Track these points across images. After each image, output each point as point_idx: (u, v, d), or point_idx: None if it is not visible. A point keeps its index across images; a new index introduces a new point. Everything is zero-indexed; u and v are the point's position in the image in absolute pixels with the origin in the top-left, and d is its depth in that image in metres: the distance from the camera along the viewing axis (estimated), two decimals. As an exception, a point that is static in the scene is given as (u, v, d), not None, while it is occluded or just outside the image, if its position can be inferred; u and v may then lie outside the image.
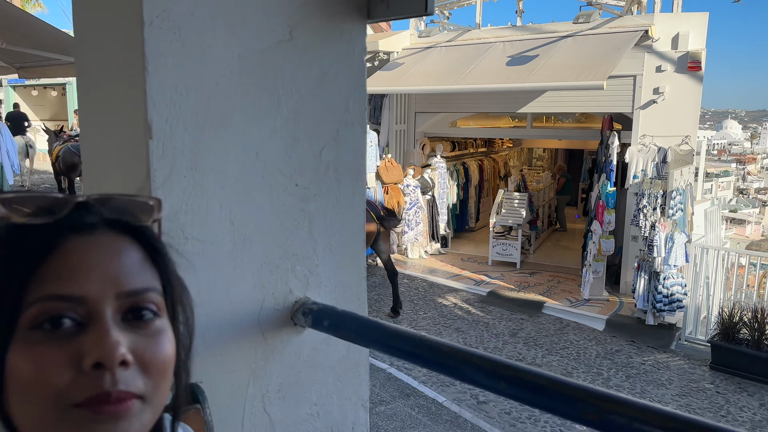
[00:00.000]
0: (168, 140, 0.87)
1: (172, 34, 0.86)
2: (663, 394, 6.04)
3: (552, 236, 12.60)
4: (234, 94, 0.95)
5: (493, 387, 0.78)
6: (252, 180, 0.99)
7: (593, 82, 7.41)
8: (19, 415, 0.54)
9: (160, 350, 0.56)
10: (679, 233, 7.26)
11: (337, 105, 1.10)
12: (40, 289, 0.53)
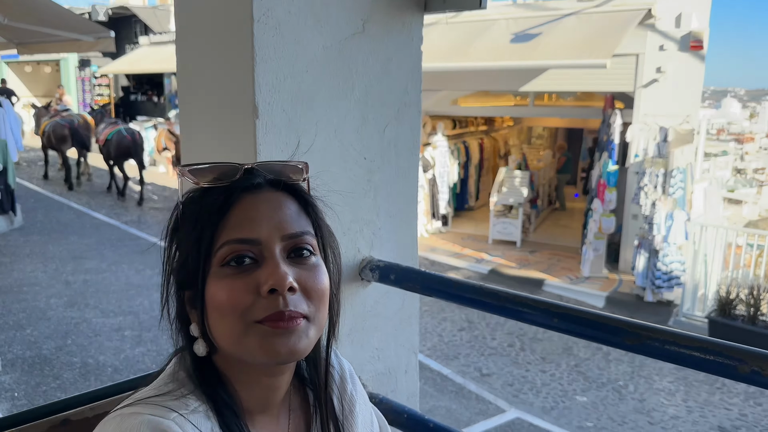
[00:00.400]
0: (269, 119, 1.04)
1: (274, 29, 1.02)
2: (661, 368, 6.25)
3: (551, 215, 12.76)
4: (318, 80, 1.11)
5: (548, 324, 0.95)
6: (331, 154, 1.15)
7: (596, 61, 7.52)
8: (216, 330, 0.72)
9: (318, 280, 0.73)
10: (679, 211, 7.44)
11: (398, 88, 1.26)
12: (226, 235, 0.71)
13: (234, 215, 0.71)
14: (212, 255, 0.71)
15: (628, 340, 0.87)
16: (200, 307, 0.72)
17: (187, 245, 0.73)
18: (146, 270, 7.48)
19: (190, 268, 0.72)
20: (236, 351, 0.71)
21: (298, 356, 0.72)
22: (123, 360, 5.05)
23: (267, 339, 0.69)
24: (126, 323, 5.80)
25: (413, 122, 1.28)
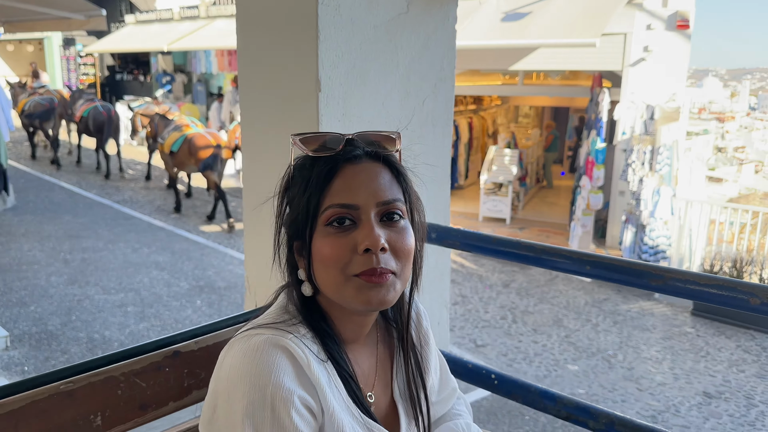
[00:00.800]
0: (329, 93, 1.16)
1: (334, 10, 1.13)
2: (648, 338, 6.48)
3: (539, 193, 12.97)
4: (369, 57, 1.23)
5: (581, 271, 1.09)
6: (378, 125, 1.28)
7: (586, 40, 7.65)
8: (319, 277, 0.86)
9: (406, 241, 0.86)
10: (666, 187, 7.65)
11: (435, 64, 1.38)
12: (330, 200, 0.84)
13: (337, 183, 0.85)
14: (318, 215, 0.84)
15: (654, 282, 1.01)
16: (307, 257, 0.86)
17: (297, 205, 0.87)
18: (143, 248, 7.55)
19: (300, 224, 0.85)
20: (335, 297, 0.86)
21: (386, 306, 0.86)
22: (128, 335, 5.16)
23: (362, 291, 0.83)
24: (128, 300, 5.90)
25: (448, 96, 1.40)
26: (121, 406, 0.88)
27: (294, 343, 0.82)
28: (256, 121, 1.28)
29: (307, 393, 0.80)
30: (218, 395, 0.81)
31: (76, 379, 0.84)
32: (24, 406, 0.80)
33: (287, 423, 0.76)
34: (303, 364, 0.81)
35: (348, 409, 0.85)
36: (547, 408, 1.19)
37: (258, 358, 0.79)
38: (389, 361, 0.99)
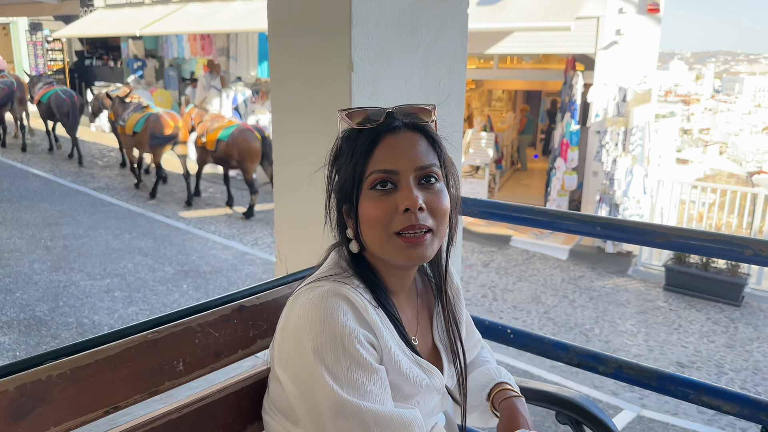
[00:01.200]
0: (361, 73, 1.26)
1: (366, -4, 1.23)
2: (623, 312, 6.72)
3: (514, 175, 13.18)
4: (394, 39, 1.33)
5: (592, 232, 1.21)
6: (402, 102, 1.38)
7: (561, 23, 7.81)
8: (366, 236, 0.98)
9: (442, 202, 0.97)
10: (638, 167, 7.88)
11: (450, 46, 1.49)
12: (373, 166, 0.95)
13: (379, 151, 0.96)
14: (363, 180, 0.95)
15: (659, 239, 1.14)
16: (354, 218, 0.96)
17: (345, 172, 0.98)
18: (124, 234, 7.55)
19: (348, 189, 0.96)
20: (380, 253, 0.98)
21: (425, 260, 0.98)
22: (117, 319, 5.20)
23: (403, 249, 0.95)
24: (114, 285, 5.92)
25: (461, 76, 1.51)
26: (198, 353, 0.99)
27: (352, 292, 0.93)
28: (288, 102, 1.38)
29: (368, 332, 0.92)
30: (290, 340, 0.91)
31: (161, 329, 0.94)
32: (119, 351, 0.90)
33: (356, 355, 0.88)
34: (361, 309, 0.92)
35: (400, 348, 0.96)
36: (560, 357, 1.32)
37: (324, 305, 0.89)
38: (427, 311, 1.11)
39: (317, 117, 1.33)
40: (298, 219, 1.47)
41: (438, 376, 1.03)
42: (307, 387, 0.88)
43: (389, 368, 0.94)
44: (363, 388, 0.87)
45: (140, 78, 15.00)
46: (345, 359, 0.87)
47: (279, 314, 1.02)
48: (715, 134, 31.39)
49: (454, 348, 1.09)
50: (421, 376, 0.99)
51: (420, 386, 0.98)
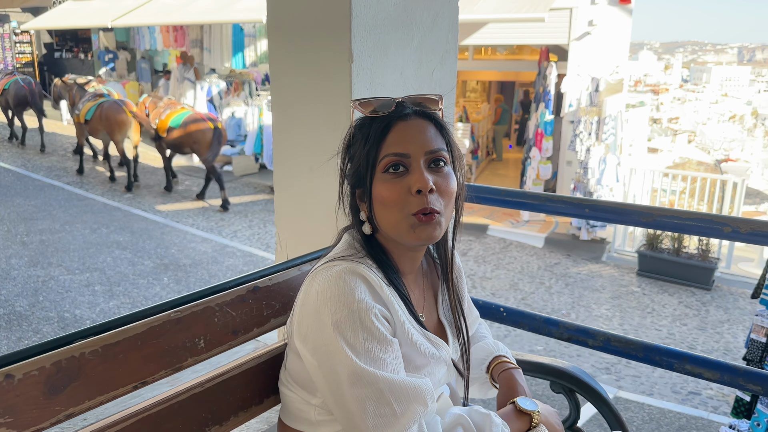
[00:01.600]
0: (360, 64, 1.31)
1: (364, -10, 1.29)
2: (598, 297, 6.89)
3: (489, 165, 13.32)
4: (390, 31, 1.39)
5: (580, 213, 1.29)
6: (398, 92, 1.44)
7: (535, 15, 7.92)
8: (380, 217, 1.04)
9: (450, 184, 1.04)
10: (611, 156, 8.05)
11: (442, 38, 1.55)
12: (386, 150, 1.01)
13: (392, 136, 1.02)
14: (377, 164, 1.01)
15: (644, 219, 1.22)
16: (368, 201, 1.02)
17: (359, 157, 1.03)
18: (101, 229, 7.49)
19: (362, 173, 1.02)
20: (393, 233, 1.04)
21: (434, 240, 1.04)
22: (99, 313, 5.19)
23: (415, 228, 1.01)
24: (94, 279, 5.89)
25: (452, 67, 1.58)
26: (218, 331, 1.04)
27: (366, 270, 0.99)
28: (289, 93, 1.42)
29: (383, 307, 0.98)
30: (309, 315, 0.97)
31: (182, 308, 0.99)
32: (145, 330, 0.94)
33: (372, 328, 0.94)
34: (376, 286, 0.99)
35: (410, 323, 1.03)
36: (552, 332, 1.40)
37: (341, 283, 0.96)
38: (432, 290, 1.18)
39: (318, 107, 1.38)
40: (297, 205, 1.52)
41: (445, 348, 1.10)
42: (326, 358, 0.94)
43: (402, 341, 1.00)
44: (379, 359, 0.93)
45: (112, 70, 14.80)
46: (362, 332, 0.93)
47: (290, 294, 1.08)
48: (684, 123, 31.90)
49: (458, 323, 1.16)
50: (431, 349, 1.05)
51: (430, 358, 1.05)
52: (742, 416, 2.68)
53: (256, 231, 7.91)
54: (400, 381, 0.94)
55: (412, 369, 1.02)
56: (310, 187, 1.46)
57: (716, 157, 24.46)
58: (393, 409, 0.91)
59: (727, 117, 38.81)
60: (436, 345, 1.07)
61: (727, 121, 38.08)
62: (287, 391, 1.07)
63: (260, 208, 8.87)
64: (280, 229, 1.58)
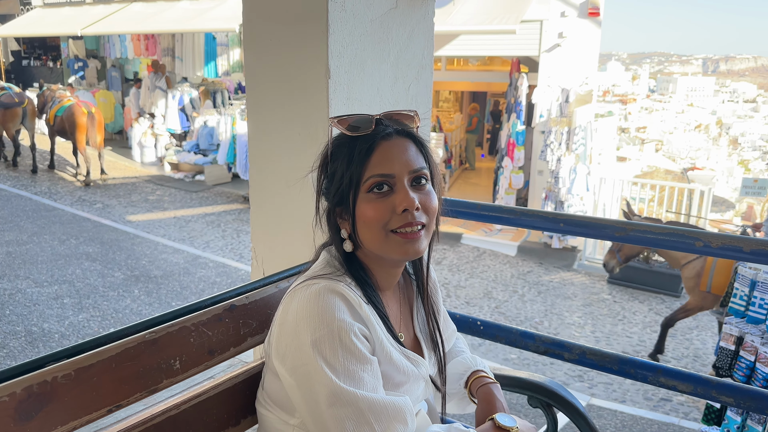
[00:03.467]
0: (337, 80, 1.31)
1: (341, 6, 1.29)
2: (570, 305, 6.96)
3: (462, 174, 13.41)
4: (367, 47, 1.39)
5: (555, 228, 1.30)
6: (375, 107, 1.44)
7: (506, 27, 8.02)
8: (364, 237, 1.04)
9: (432, 201, 1.04)
10: (582, 165, 8.16)
11: (418, 54, 1.56)
12: (370, 171, 1.01)
13: (375, 157, 1.02)
14: (361, 184, 1.01)
15: (617, 233, 1.23)
16: (351, 219, 1.02)
17: (341, 176, 1.04)
18: (70, 240, 7.35)
19: (344, 192, 1.02)
20: (378, 251, 1.04)
21: (420, 255, 1.06)
22: (68, 326, 5.08)
23: (401, 244, 1.03)
24: (63, 291, 5.77)
25: (428, 81, 1.59)
26: (193, 352, 1.02)
27: (345, 289, 0.99)
28: (265, 108, 1.42)
29: (362, 325, 0.98)
30: (289, 335, 0.96)
31: (157, 329, 0.98)
32: (120, 352, 0.93)
33: (352, 346, 0.94)
34: (355, 304, 0.98)
35: (389, 341, 1.03)
36: (528, 345, 1.41)
37: (320, 302, 0.95)
38: (408, 304, 1.18)
39: (295, 122, 1.37)
40: (273, 221, 1.51)
41: (423, 365, 1.10)
42: (305, 378, 0.93)
43: (381, 359, 1.00)
44: (358, 378, 0.93)
45: (81, 79, 14.57)
46: (342, 351, 0.92)
47: (267, 312, 1.07)
48: (651, 132, 32.49)
49: (434, 337, 1.16)
50: (409, 366, 1.05)
51: (409, 375, 1.05)
52: (712, 423, 2.72)
53: (229, 241, 7.84)
54: (380, 400, 0.93)
55: (391, 387, 1.02)
56: (286, 202, 1.45)
57: (683, 165, 24.93)
58: (373, 428, 0.91)
59: (692, 126, 39.65)
60: (414, 362, 1.07)
61: (693, 130, 38.90)
62: (265, 411, 1.06)
63: (233, 218, 8.79)
64: (256, 244, 1.57)
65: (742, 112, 69.38)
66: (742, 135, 56.52)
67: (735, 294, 2.65)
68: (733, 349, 2.74)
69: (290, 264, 1.28)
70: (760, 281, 2.58)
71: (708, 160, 38.44)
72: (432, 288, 1.22)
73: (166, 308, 5.59)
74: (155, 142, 12.22)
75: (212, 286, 6.23)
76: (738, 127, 58.62)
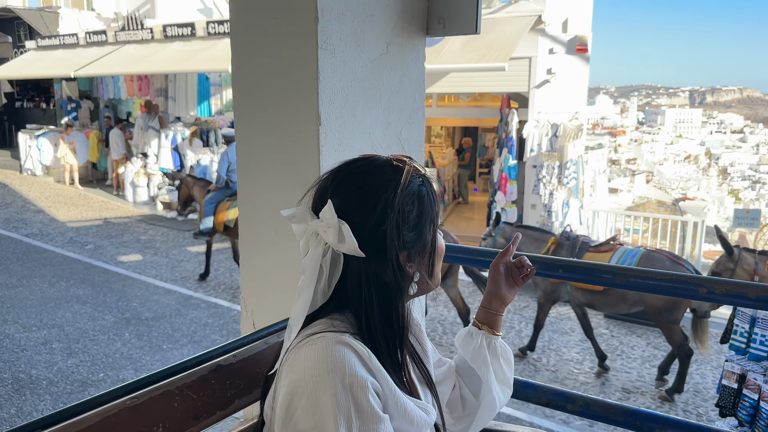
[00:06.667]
0: (328, 125, 1.29)
1: (330, 53, 1.27)
2: (567, 341, 6.88)
3: (456, 208, 13.41)
4: (358, 93, 1.37)
5: (554, 274, 1.27)
6: (366, 153, 1.42)
7: (496, 64, 8.11)
8: (436, 271, 1.07)
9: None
10: (574, 199, 8.18)
11: (409, 98, 1.54)
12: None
13: None
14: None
15: (618, 279, 1.20)
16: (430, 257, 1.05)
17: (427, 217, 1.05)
18: (60, 282, 7.26)
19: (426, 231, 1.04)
20: (436, 283, 1.08)
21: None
22: (56, 372, 4.97)
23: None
24: (52, 336, 5.66)
25: (420, 126, 1.57)
26: (178, 417, 0.96)
27: (352, 340, 0.94)
28: (255, 155, 1.39)
29: (375, 379, 0.93)
30: (297, 395, 0.89)
31: (140, 393, 0.92)
32: (99, 421, 0.87)
33: (365, 405, 0.88)
34: (364, 356, 0.93)
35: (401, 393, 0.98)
36: (529, 397, 1.35)
37: (330, 355, 0.90)
38: None
39: (285, 169, 1.34)
40: (264, 270, 1.46)
41: (433, 412, 1.04)
42: None
43: (395, 414, 0.95)
44: None
45: (74, 119, 14.62)
46: (355, 410, 0.87)
47: (256, 371, 1.02)
48: (642, 164, 32.75)
49: (426, 378, 1.12)
50: (423, 417, 1.00)
51: (422, 426, 1.00)
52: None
53: (222, 281, 7.75)
54: None
55: None
56: (277, 252, 1.41)
57: (674, 195, 25.07)
58: None
59: (682, 157, 40.08)
60: (426, 411, 1.02)
61: (683, 161, 39.29)
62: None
63: (226, 257, 8.71)
64: (246, 295, 1.52)
65: (730, 142, 70.35)
66: (731, 165, 57.21)
67: (735, 331, 2.60)
68: (735, 387, 2.68)
69: (283, 316, 1.24)
70: (760, 317, 2.54)
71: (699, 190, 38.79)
72: (414, 327, 1.18)
73: (157, 351, 5.48)
74: (148, 181, 12.20)
75: (204, 327, 6.13)
76: (726, 158, 59.36)
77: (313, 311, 1.00)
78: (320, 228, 0.98)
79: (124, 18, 14.01)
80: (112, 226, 10.30)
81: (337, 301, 1.00)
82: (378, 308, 0.99)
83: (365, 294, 0.99)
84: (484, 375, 1.22)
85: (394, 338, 1.00)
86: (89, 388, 4.74)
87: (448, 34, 1.49)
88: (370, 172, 1.03)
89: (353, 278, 0.99)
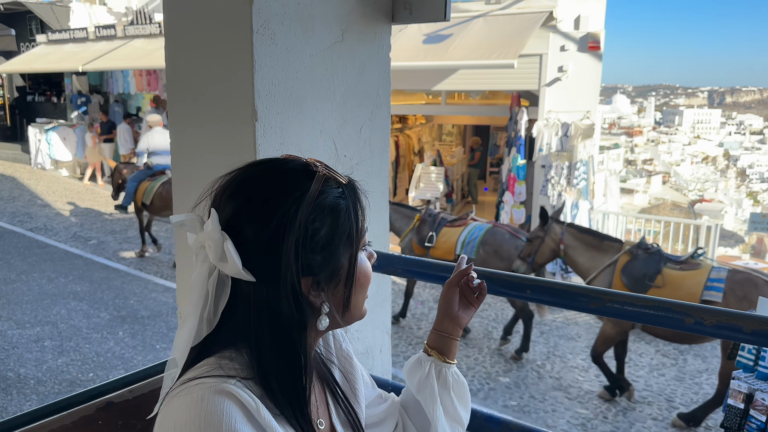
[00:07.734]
0: (267, 122, 1.14)
1: (270, 40, 1.12)
2: (573, 347, 6.69)
3: (465, 208, 13.21)
4: (306, 85, 1.22)
5: (521, 295, 1.11)
6: (317, 153, 1.26)
7: (505, 61, 7.91)
8: (356, 303, 0.89)
9: None
10: (583, 201, 7.96)
11: (371, 92, 1.38)
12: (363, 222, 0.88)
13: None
14: (361, 239, 0.90)
15: (592, 304, 1.03)
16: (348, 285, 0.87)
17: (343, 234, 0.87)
18: (59, 278, 7.18)
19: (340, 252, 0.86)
20: (357, 315, 0.90)
21: None
22: (46, 371, 4.87)
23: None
24: (44, 333, 5.57)
25: (384, 123, 1.41)
26: (53, 465, 0.82)
27: (238, 387, 0.76)
28: (188, 153, 1.24)
29: None
30: None
31: (3, 438, 0.78)
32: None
33: None
34: (251, 409, 0.76)
35: None
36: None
37: (205, 410, 0.72)
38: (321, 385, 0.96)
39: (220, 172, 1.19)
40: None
41: None
42: None
43: None
44: None
45: (84, 114, 14.60)
46: None
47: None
48: (658, 164, 32.45)
49: (352, 424, 0.95)
50: None
51: None
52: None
53: (222, 279, 7.64)
54: None
55: None
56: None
57: (691, 197, 24.74)
58: None
59: (700, 158, 39.65)
60: None
61: (701, 162, 38.87)
62: None
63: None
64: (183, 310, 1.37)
65: (749, 144, 69.31)
66: (749, 167, 56.33)
67: (743, 347, 2.43)
68: (742, 407, 2.50)
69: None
70: (770, 334, 2.36)
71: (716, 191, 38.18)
72: (342, 360, 1.02)
73: (150, 351, 5.37)
74: (154, 177, 12.12)
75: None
76: (745, 159, 58.45)
77: (207, 345, 0.84)
78: (206, 242, 0.81)
79: (134, 12, 13.97)
80: (116, 222, 10.24)
81: (232, 332, 0.83)
82: (271, 344, 0.81)
83: (254, 326, 0.81)
84: (430, 409, 1.05)
85: (294, 381, 0.82)
86: (77, 388, 4.64)
87: (416, 22, 1.33)
88: (272, 177, 0.84)
89: (242, 306, 0.82)
